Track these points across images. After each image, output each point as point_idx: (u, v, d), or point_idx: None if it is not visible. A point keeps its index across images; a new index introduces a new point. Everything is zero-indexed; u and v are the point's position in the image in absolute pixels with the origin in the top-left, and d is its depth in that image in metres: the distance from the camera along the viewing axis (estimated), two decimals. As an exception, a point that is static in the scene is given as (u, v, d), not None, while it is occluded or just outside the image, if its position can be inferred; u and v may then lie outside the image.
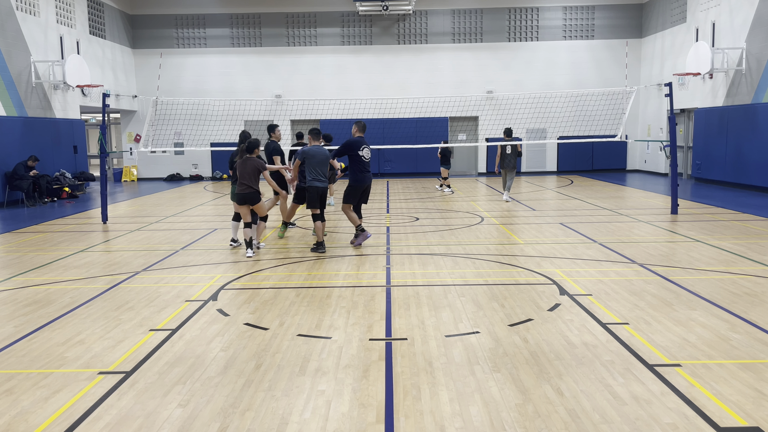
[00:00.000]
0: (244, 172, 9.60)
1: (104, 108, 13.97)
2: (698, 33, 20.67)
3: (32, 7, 18.52)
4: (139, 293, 7.62)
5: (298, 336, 5.95)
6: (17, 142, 17.24)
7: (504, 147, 15.97)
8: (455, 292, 7.42)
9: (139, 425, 4.22)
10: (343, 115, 23.79)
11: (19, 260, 9.75)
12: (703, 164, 20.40)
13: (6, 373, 5.16)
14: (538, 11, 25.34)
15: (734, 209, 14.17)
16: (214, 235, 11.66)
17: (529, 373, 4.98)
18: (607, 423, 4.14)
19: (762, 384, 4.71)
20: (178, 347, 5.68)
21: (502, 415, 4.27)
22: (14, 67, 17.40)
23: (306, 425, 4.18)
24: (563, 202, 16.06)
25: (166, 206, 16.66)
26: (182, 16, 25.50)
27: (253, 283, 8.09)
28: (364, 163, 10.14)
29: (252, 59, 25.56)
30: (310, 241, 10.92)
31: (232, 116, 24.78)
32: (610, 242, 10.44)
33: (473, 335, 5.89)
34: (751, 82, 17.99)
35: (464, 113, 25.57)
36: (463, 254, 9.64)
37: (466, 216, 13.79)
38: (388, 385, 4.78)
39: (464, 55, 25.45)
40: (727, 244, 10.14)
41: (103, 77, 22.66)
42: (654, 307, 6.68)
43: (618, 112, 22.63)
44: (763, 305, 6.72)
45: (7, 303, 7.29)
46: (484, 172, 26.12)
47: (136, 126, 25.74)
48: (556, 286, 7.64)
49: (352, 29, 25.46)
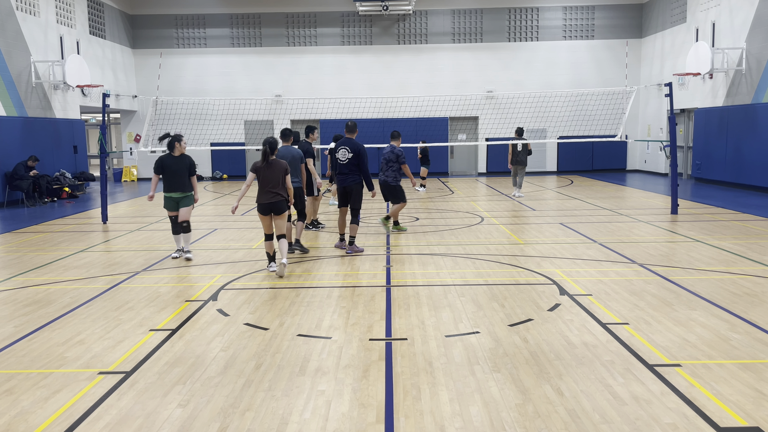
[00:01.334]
0: (271, 177, 8.37)
1: (104, 108, 13.97)
2: (698, 33, 20.67)
3: (32, 7, 18.52)
4: (139, 293, 7.61)
5: (298, 336, 5.95)
6: (17, 142, 17.24)
7: (515, 145, 16.61)
8: (455, 292, 7.42)
9: (139, 425, 4.22)
10: (343, 115, 23.79)
11: (19, 260, 9.75)
12: (703, 164, 20.40)
13: (6, 373, 5.16)
14: (538, 11, 25.33)
15: (734, 209, 14.17)
16: (214, 235, 11.66)
17: (529, 373, 4.98)
18: (607, 423, 4.14)
19: (762, 384, 4.71)
20: (178, 347, 5.68)
21: (502, 415, 4.27)
22: (14, 67, 17.40)
23: (306, 425, 4.18)
24: (563, 202, 16.06)
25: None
26: (182, 16, 25.50)
27: (253, 283, 8.09)
28: (340, 166, 10.04)
29: (252, 59, 25.56)
30: (310, 242, 10.92)
31: (232, 116, 24.77)
32: (610, 242, 10.43)
33: (473, 335, 5.89)
34: (751, 82, 17.99)
35: (464, 113, 25.57)
36: (463, 254, 9.64)
37: (466, 216, 13.79)
38: (388, 385, 4.78)
39: (464, 55, 25.44)
40: (727, 244, 10.14)
41: (103, 77, 22.66)
42: (654, 307, 6.68)
43: (618, 112, 22.62)
44: (763, 305, 6.72)
45: (7, 303, 7.29)
46: (484, 172, 26.12)
47: (136, 126, 25.73)
48: (556, 286, 7.64)
49: (352, 29, 25.46)
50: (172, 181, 9.39)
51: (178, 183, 9.41)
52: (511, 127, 24.66)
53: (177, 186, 9.41)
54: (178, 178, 9.40)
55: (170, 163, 9.41)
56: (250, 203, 17.14)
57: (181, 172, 9.41)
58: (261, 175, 8.43)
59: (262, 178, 8.43)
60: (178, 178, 9.40)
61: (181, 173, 9.41)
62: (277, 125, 25.34)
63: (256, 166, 8.46)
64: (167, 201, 9.54)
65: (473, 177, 25.08)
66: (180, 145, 9.47)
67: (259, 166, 8.43)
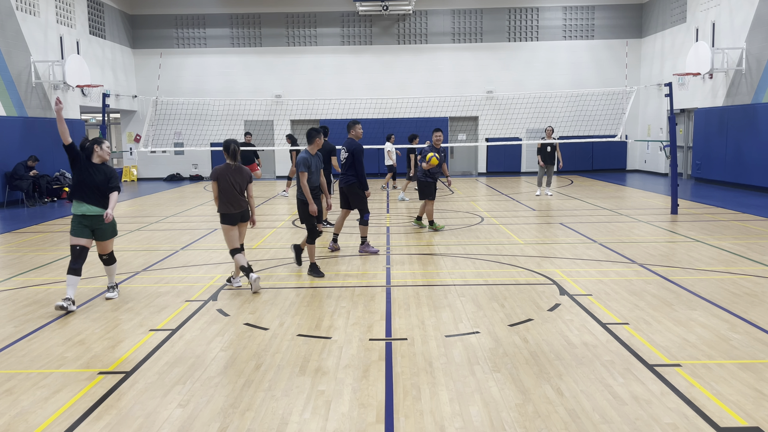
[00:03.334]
0: (236, 183, 7.62)
1: (104, 108, 13.97)
2: (698, 33, 20.67)
3: (32, 7, 18.52)
4: (139, 293, 7.61)
5: (298, 336, 5.94)
6: (17, 142, 17.24)
7: (544, 145, 16.77)
8: (455, 292, 7.42)
9: (139, 425, 4.22)
10: (343, 115, 23.80)
11: (19, 260, 9.75)
12: (703, 164, 20.40)
13: (6, 373, 5.16)
14: (538, 11, 25.33)
15: (734, 209, 14.16)
16: (214, 236, 11.65)
17: (529, 373, 4.98)
18: (607, 423, 4.14)
19: (762, 384, 4.70)
20: (178, 347, 5.68)
21: (502, 415, 4.27)
22: (14, 67, 17.40)
23: (306, 425, 4.18)
24: (563, 202, 16.05)
25: (166, 206, 16.65)
26: (182, 16, 25.50)
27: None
28: (341, 165, 10.10)
29: (252, 59, 25.56)
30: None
31: (232, 116, 24.78)
32: (610, 242, 10.43)
33: (473, 335, 5.88)
34: (751, 82, 17.98)
35: (464, 113, 25.57)
36: (463, 254, 9.64)
37: (466, 216, 13.79)
38: (388, 385, 4.78)
39: (464, 55, 25.45)
40: (727, 244, 10.14)
41: (103, 77, 22.66)
42: (654, 307, 6.68)
43: (618, 112, 22.63)
44: (763, 305, 6.72)
45: (7, 303, 7.29)
46: (484, 172, 26.12)
47: (136, 126, 25.73)
48: (556, 286, 7.64)
49: (352, 29, 25.45)
50: (87, 192, 6.99)
51: (94, 195, 7.00)
52: (511, 127, 24.73)
53: (93, 198, 6.98)
54: (95, 191, 7.00)
55: (90, 172, 7.04)
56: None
57: (99, 184, 7.01)
58: (227, 182, 7.57)
59: (228, 186, 7.57)
60: (95, 191, 7.00)
61: (99, 185, 7.01)
62: (277, 125, 25.34)
63: (219, 172, 7.58)
64: (79, 221, 6.99)
65: (473, 177, 25.08)
66: (101, 150, 7.15)
67: (224, 172, 7.58)
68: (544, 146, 16.80)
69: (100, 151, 7.14)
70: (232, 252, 7.73)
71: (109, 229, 7.14)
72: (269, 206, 16.28)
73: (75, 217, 7.02)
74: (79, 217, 6.99)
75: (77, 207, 6.99)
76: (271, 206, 16.28)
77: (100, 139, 7.25)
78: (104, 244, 7.18)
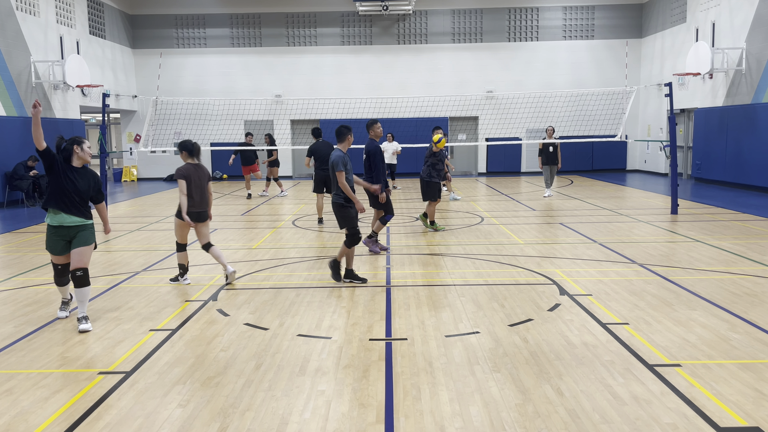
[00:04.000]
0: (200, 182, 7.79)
1: (104, 108, 13.98)
2: (698, 33, 20.67)
3: (32, 7, 18.51)
4: (139, 293, 7.61)
5: (298, 336, 5.95)
6: (17, 142, 17.23)
7: (546, 145, 16.70)
8: (455, 292, 7.42)
9: (139, 425, 4.22)
10: (343, 115, 23.80)
11: (19, 260, 9.75)
12: (703, 164, 20.40)
13: (6, 373, 5.16)
14: (538, 11, 25.33)
15: (734, 209, 14.16)
16: (214, 236, 11.65)
17: (529, 373, 4.98)
18: (607, 423, 4.14)
19: (762, 384, 4.71)
20: (178, 347, 5.68)
21: (502, 415, 4.27)
22: (14, 67, 17.40)
23: (306, 425, 4.18)
24: (563, 202, 16.05)
25: (166, 206, 16.65)
26: (182, 16, 25.50)
27: (253, 283, 8.09)
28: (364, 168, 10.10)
29: (252, 59, 25.56)
30: (309, 242, 10.92)
31: (232, 116, 24.77)
32: (610, 242, 10.43)
33: (473, 335, 5.88)
34: (751, 82, 17.99)
35: (464, 113, 25.57)
36: (463, 254, 9.64)
37: (466, 216, 13.79)
38: (388, 385, 4.78)
39: (464, 55, 25.44)
40: (727, 244, 10.14)
41: (103, 77, 22.66)
42: (654, 307, 6.68)
43: (618, 112, 22.62)
44: (763, 305, 6.72)
45: (7, 303, 7.29)
46: (484, 172, 26.12)
47: (136, 126, 25.74)
48: (556, 286, 7.64)
49: (352, 29, 25.45)
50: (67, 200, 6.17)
51: (75, 204, 6.20)
52: (511, 127, 24.74)
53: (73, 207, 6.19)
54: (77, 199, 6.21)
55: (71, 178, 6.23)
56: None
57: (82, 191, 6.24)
58: (192, 181, 7.69)
59: (193, 184, 7.68)
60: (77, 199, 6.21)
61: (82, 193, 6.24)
62: (277, 125, 25.34)
63: (188, 172, 7.69)
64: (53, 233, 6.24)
65: (473, 177, 25.08)
66: (82, 152, 6.29)
67: (193, 171, 7.73)
68: (545, 147, 16.78)
69: (81, 152, 6.25)
70: (179, 247, 7.98)
71: (88, 234, 6.31)
72: (269, 206, 16.29)
73: (50, 227, 6.21)
74: (55, 227, 6.19)
75: (53, 217, 6.17)
76: (271, 206, 16.29)
77: (79, 138, 6.29)
78: (81, 251, 6.20)
